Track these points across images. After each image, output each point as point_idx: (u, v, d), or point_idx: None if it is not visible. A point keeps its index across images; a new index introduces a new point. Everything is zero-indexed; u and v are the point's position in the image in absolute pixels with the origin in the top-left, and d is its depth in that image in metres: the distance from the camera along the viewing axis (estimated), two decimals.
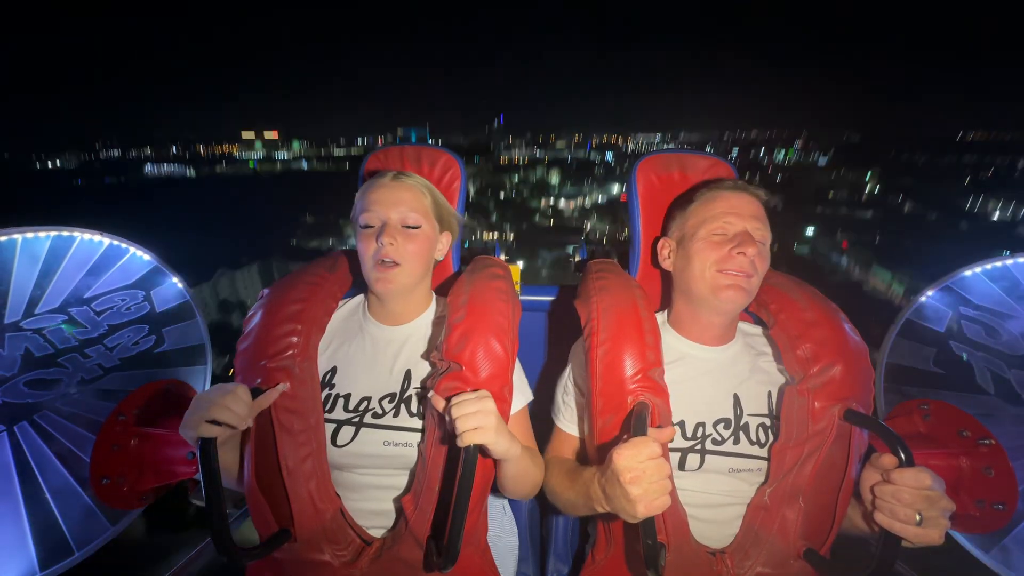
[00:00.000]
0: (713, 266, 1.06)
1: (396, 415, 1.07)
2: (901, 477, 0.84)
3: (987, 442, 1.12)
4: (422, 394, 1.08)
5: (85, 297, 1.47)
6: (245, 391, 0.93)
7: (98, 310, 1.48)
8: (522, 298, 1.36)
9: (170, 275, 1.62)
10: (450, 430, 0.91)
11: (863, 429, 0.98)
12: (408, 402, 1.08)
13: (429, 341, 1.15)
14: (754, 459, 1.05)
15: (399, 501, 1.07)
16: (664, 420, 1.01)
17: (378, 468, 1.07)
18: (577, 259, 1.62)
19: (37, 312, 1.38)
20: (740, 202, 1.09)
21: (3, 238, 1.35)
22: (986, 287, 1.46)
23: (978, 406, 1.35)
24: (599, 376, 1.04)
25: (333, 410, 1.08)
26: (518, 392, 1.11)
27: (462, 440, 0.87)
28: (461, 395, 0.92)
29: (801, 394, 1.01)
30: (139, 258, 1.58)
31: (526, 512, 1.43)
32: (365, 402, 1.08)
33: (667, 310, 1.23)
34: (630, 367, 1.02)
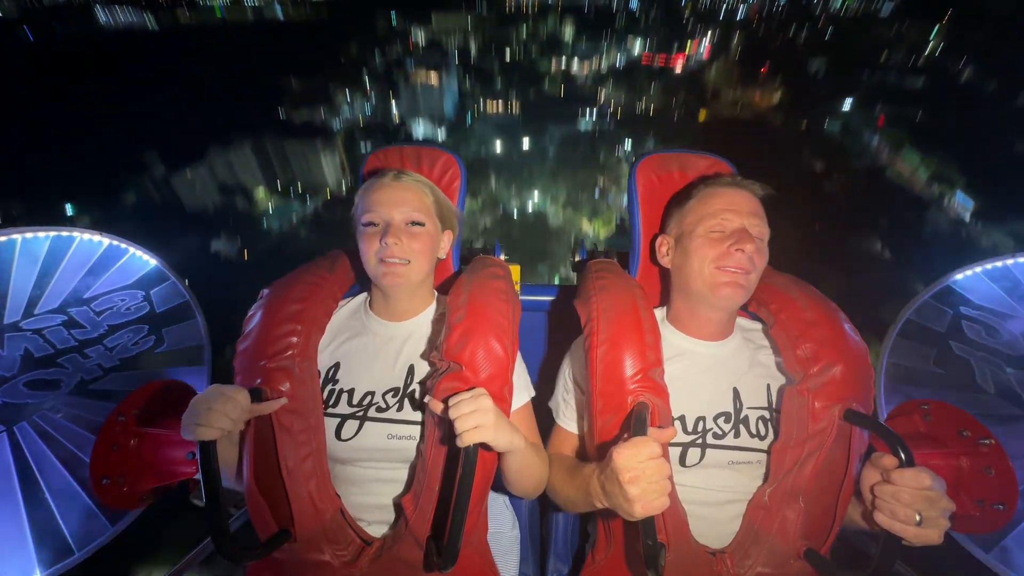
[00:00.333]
0: (711, 263, 1.07)
1: (400, 409, 1.08)
2: (901, 477, 0.84)
3: (987, 442, 1.12)
4: (424, 390, 1.08)
5: (85, 297, 1.47)
6: (243, 395, 0.93)
7: (98, 310, 1.48)
8: (522, 298, 1.36)
9: (170, 275, 1.62)
10: (450, 431, 0.91)
11: (863, 429, 0.98)
12: (411, 396, 1.09)
13: (429, 340, 1.15)
14: (754, 452, 1.06)
15: (400, 497, 1.07)
16: (664, 420, 1.01)
17: (381, 461, 1.08)
18: (577, 259, 1.62)
19: (37, 312, 1.38)
20: (738, 198, 1.09)
21: (2, 238, 1.35)
22: (986, 287, 1.46)
23: (978, 406, 1.35)
24: (599, 376, 1.04)
25: (337, 405, 1.08)
26: (520, 388, 1.11)
27: (462, 440, 0.87)
28: (457, 396, 0.92)
29: (801, 394, 1.01)
30: (139, 258, 1.58)
31: (526, 512, 1.43)
32: (369, 396, 1.09)
33: (666, 307, 1.24)
34: (630, 367, 1.02)
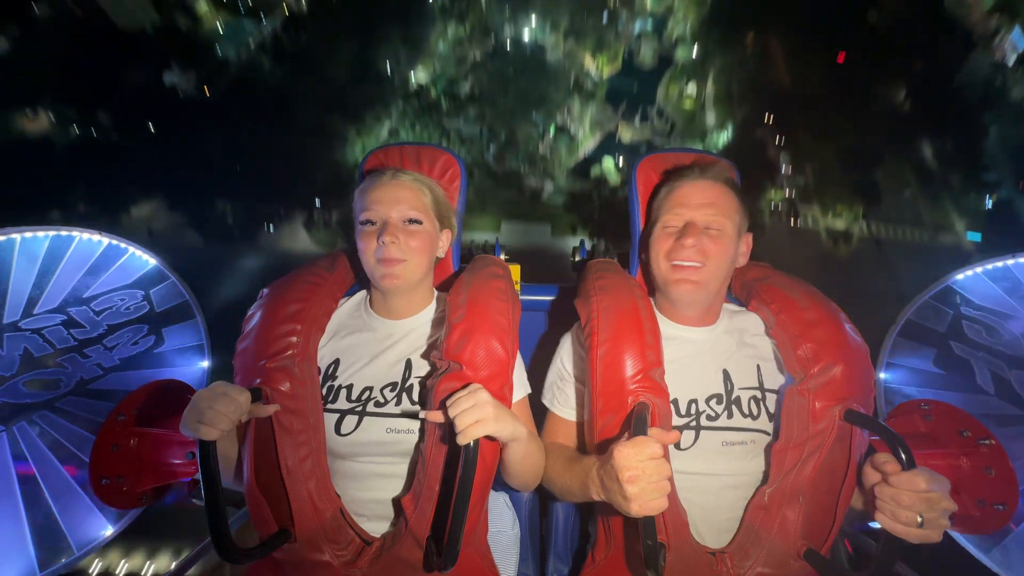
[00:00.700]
0: (665, 258, 1.12)
1: (398, 404, 1.08)
2: (899, 481, 0.84)
3: (987, 442, 1.12)
4: (424, 388, 1.08)
5: (84, 297, 1.47)
6: (245, 396, 0.92)
7: (97, 310, 1.48)
8: (522, 298, 1.36)
9: (170, 275, 1.62)
10: (450, 430, 0.91)
11: (864, 429, 0.98)
12: (409, 391, 1.09)
13: (429, 339, 1.15)
14: (747, 432, 1.06)
15: (399, 492, 1.07)
16: (664, 420, 1.01)
17: (380, 456, 1.08)
18: (577, 259, 1.62)
19: (36, 312, 1.38)
20: (691, 191, 1.12)
21: (1, 238, 1.35)
22: (987, 287, 1.46)
23: (978, 406, 1.35)
24: (599, 376, 1.04)
25: (336, 400, 1.09)
26: (518, 385, 1.11)
27: (465, 435, 0.87)
28: (454, 395, 0.92)
29: (801, 394, 1.01)
30: (138, 258, 1.58)
31: (526, 512, 1.43)
32: (367, 391, 1.09)
33: (654, 297, 1.25)
34: (630, 367, 1.02)
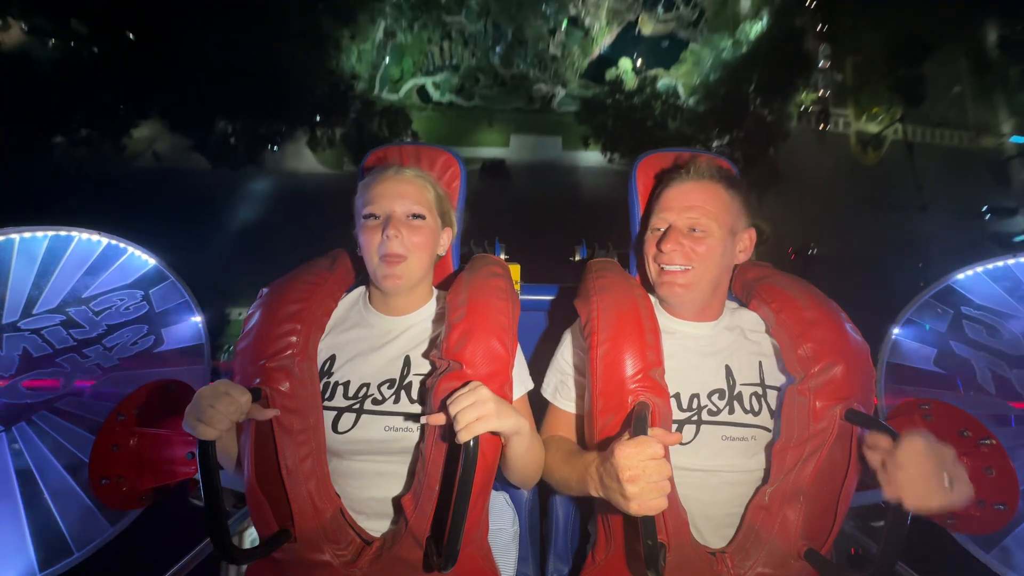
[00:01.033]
0: (653, 262, 1.16)
1: (396, 401, 1.07)
2: (908, 453, 0.82)
3: (988, 442, 1.12)
4: (423, 387, 1.08)
5: (83, 297, 1.46)
6: (246, 396, 0.92)
7: (96, 310, 1.48)
8: (522, 298, 1.36)
9: (170, 275, 1.62)
10: (450, 429, 0.91)
11: (864, 429, 0.98)
12: (408, 388, 1.09)
13: (429, 338, 1.15)
14: (748, 427, 1.07)
15: (399, 491, 1.07)
16: (664, 420, 1.01)
17: (379, 454, 1.07)
18: (577, 258, 1.62)
19: (35, 312, 1.38)
20: (675, 195, 1.14)
21: (0, 238, 1.34)
22: (987, 287, 1.46)
23: (979, 406, 1.35)
24: (599, 376, 1.04)
25: (333, 398, 1.08)
26: (519, 381, 1.11)
27: (469, 431, 0.87)
28: (454, 393, 0.92)
29: (802, 394, 1.01)
30: (138, 258, 1.58)
31: (526, 511, 1.43)
32: (364, 388, 1.08)
33: (654, 293, 1.25)
34: (631, 367, 1.02)
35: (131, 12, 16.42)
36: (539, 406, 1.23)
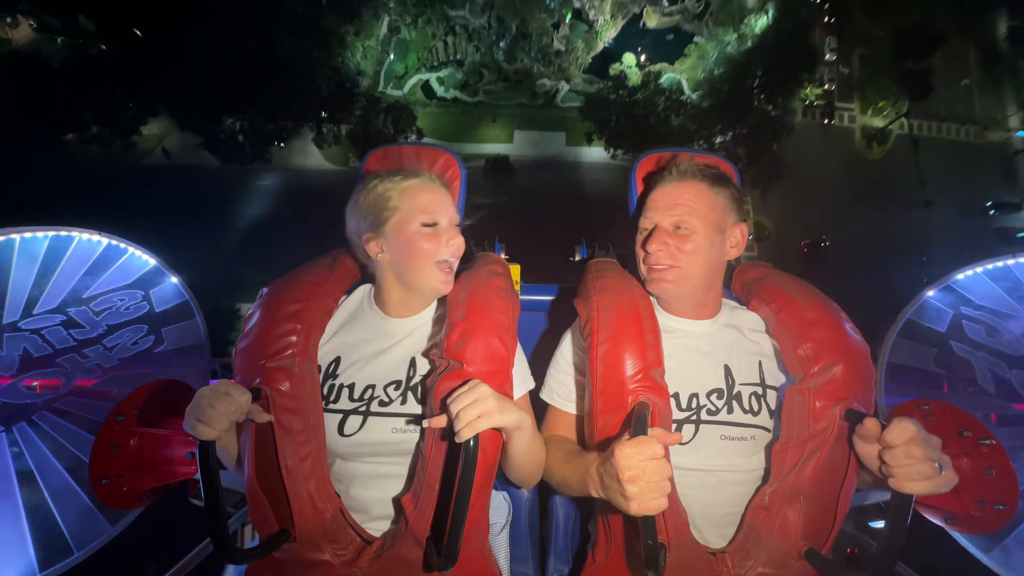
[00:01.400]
0: (642, 262, 1.17)
1: (404, 402, 1.07)
2: (897, 433, 0.82)
3: (988, 442, 1.11)
4: (426, 388, 1.08)
5: (84, 297, 1.47)
6: (246, 397, 0.93)
7: (97, 310, 1.48)
8: (522, 298, 1.36)
9: (169, 274, 1.61)
10: (451, 428, 0.91)
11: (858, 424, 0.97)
12: (415, 390, 1.09)
13: (430, 337, 1.15)
14: (747, 427, 1.07)
15: (400, 492, 1.07)
16: (664, 420, 1.01)
17: (386, 456, 1.07)
18: (577, 258, 1.62)
19: (35, 312, 1.38)
20: (659, 195, 1.16)
21: (1, 238, 1.35)
22: (987, 287, 1.46)
23: (979, 406, 1.35)
24: (599, 376, 1.04)
25: (338, 400, 1.08)
26: (519, 380, 1.12)
27: (470, 429, 0.87)
28: (453, 392, 0.92)
29: (802, 394, 1.01)
30: (138, 258, 1.58)
31: (526, 511, 1.43)
32: (370, 390, 1.08)
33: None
34: (630, 367, 1.02)
35: (138, 9, 16.52)
36: (539, 406, 1.23)
